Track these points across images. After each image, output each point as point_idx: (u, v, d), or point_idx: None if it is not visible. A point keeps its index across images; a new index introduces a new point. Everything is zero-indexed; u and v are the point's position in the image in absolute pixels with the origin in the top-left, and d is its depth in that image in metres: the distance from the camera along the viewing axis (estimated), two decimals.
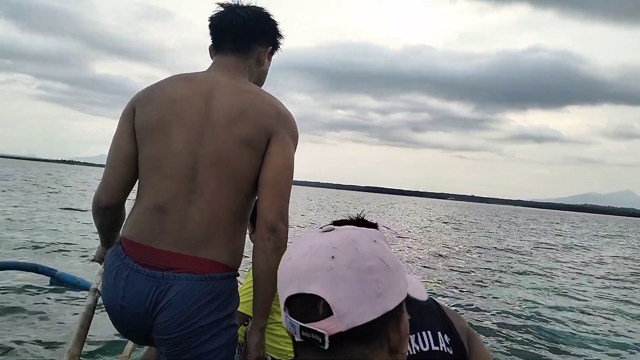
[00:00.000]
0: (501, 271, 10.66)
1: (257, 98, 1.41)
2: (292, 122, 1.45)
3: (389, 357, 0.66)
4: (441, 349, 1.20)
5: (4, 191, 20.10)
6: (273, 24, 1.56)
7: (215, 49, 1.54)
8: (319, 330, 0.61)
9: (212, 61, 1.55)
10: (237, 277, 1.45)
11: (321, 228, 0.72)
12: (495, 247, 16.06)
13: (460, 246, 15.63)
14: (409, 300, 1.29)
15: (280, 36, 1.59)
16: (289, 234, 1.41)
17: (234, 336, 1.41)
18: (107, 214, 1.50)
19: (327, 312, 0.61)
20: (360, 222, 1.21)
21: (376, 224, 1.18)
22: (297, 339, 0.64)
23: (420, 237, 17.51)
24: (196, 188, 1.35)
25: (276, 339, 2.32)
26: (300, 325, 0.63)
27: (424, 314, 1.25)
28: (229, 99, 1.39)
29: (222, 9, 1.51)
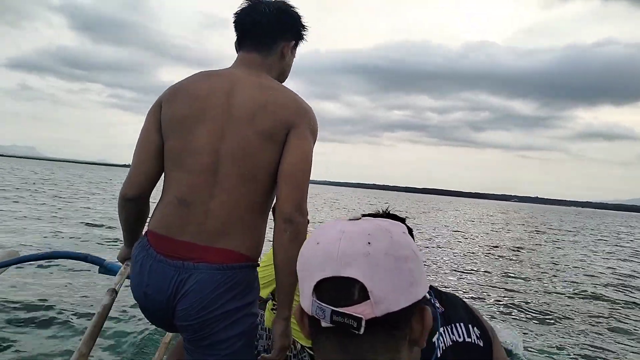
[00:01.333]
0: None
1: (277, 93, 1.45)
2: (312, 117, 1.47)
3: (408, 349, 0.66)
4: (473, 341, 1.22)
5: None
6: (296, 17, 1.57)
7: (239, 46, 1.57)
8: (355, 314, 0.60)
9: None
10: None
11: (350, 217, 0.72)
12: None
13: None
14: (441, 293, 1.28)
15: (303, 28, 1.60)
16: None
17: (253, 324, 1.45)
18: (133, 207, 1.56)
19: (363, 296, 0.61)
20: (388, 216, 1.25)
21: (404, 218, 1.19)
22: (325, 324, 0.62)
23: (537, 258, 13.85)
24: (218, 182, 1.40)
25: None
26: (332, 309, 0.61)
27: (456, 306, 1.28)
28: (249, 94, 1.42)
29: (246, 5, 1.54)
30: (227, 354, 1.40)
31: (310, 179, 1.44)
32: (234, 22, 1.55)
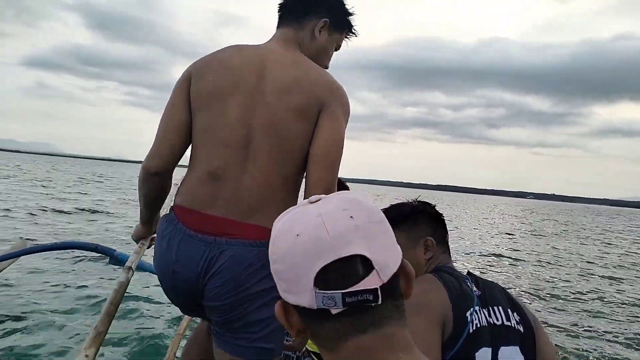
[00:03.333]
0: None
1: (310, 69, 1.41)
2: (345, 97, 1.43)
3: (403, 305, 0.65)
4: (512, 325, 1.22)
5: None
6: None
7: (277, 24, 1.55)
8: (367, 287, 0.60)
9: None
10: None
11: (308, 200, 0.69)
12: None
13: None
14: (477, 278, 1.32)
15: (341, 11, 1.55)
16: None
17: None
18: (156, 181, 1.49)
19: (367, 269, 0.61)
20: (419, 202, 1.49)
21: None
22: (338, 310, 0.60)
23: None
24: (249, 156, 1.36)
25: None
26: (342, 292, 0.60)
27: (493, 290, 1.29)
28: (282, 68, 1.39)
29: None
30: (260, 337, 1.35)
31: None
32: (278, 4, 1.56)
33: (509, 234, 19.41)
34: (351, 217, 0.63)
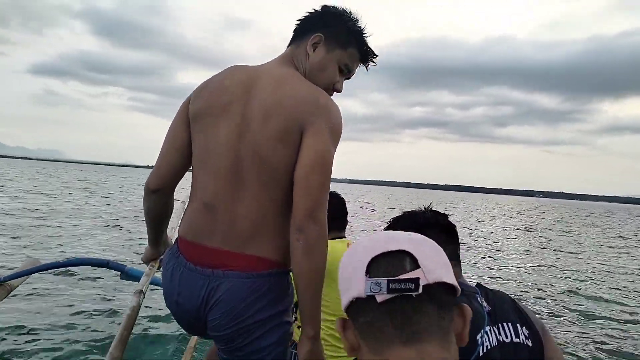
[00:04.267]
0: None
1: (296, 86, 1.37)
2: (333, 112, 1.36)
3: (453, 341, 0.68)
4: (521, 341, 1.19)
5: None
6: (333, 12, 1.48)
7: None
8: (411, 277, 0.65)
9: None
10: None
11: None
12: None
13: None
14: (487, 290, 1.29)
15: (341, 27, 1.46)
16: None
17: (287, 333, 1.40)
18: (156, 199, 1.53)
19: (413, 266, 0.66)
20: (432, 212, 1.38)
21: (447, 215, 1.35)
22: (383, 297, 0.65)
23: None
24: (241, 184, 1.36)
25: (338, 350, 2.09)
26: (387, 279, 0.65)
27: (504, 305, 1.26)
28: (266, 91, 1.37)
29: None
30: None
31: (334, 177, 1.39)
32: None
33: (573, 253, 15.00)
34: (409, 235, 0.72)
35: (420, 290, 0.64)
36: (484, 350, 1.15)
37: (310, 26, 1.47)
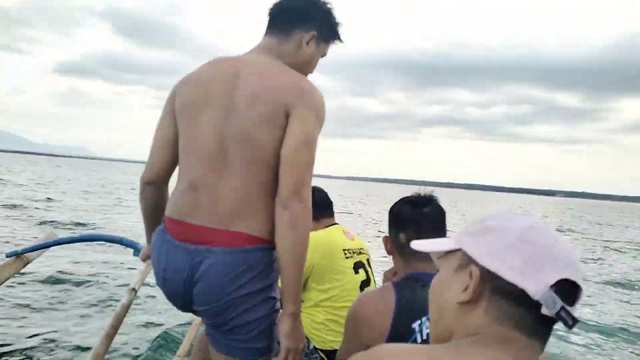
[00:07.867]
0: None
1: (282, 75, 1.43)
2: (316, 98, 1.43)
3: None
4: None
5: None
6: (322, 9, 1.53)
7: (265, 32, 1.57)
8: (574, 315, 0.66)
9: None
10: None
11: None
12: None
13: None
14: (417, 279, 1.31)
15: (329, 23, 1.55)
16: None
17: (273, 308, 1.43)
18: (150, 191, 1.59)
19: (577, 299, 0.68)
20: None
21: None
22: (548, 312, 0.66)
23: None
24: (226, 164, 1.40)
25: (316, 325, 2.15)
26: (562, 305, 0.66)
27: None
28: (254, 77, 1.41)
29: None
30: (249, 338, 1.40)
31: (353, 175, 1.59)
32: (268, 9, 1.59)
33: None
34: (555, 241, 0.72)
35: (573, 328, 0.66)
36: (423, 338, 1.18)
37: (298, 18, 1.51)
